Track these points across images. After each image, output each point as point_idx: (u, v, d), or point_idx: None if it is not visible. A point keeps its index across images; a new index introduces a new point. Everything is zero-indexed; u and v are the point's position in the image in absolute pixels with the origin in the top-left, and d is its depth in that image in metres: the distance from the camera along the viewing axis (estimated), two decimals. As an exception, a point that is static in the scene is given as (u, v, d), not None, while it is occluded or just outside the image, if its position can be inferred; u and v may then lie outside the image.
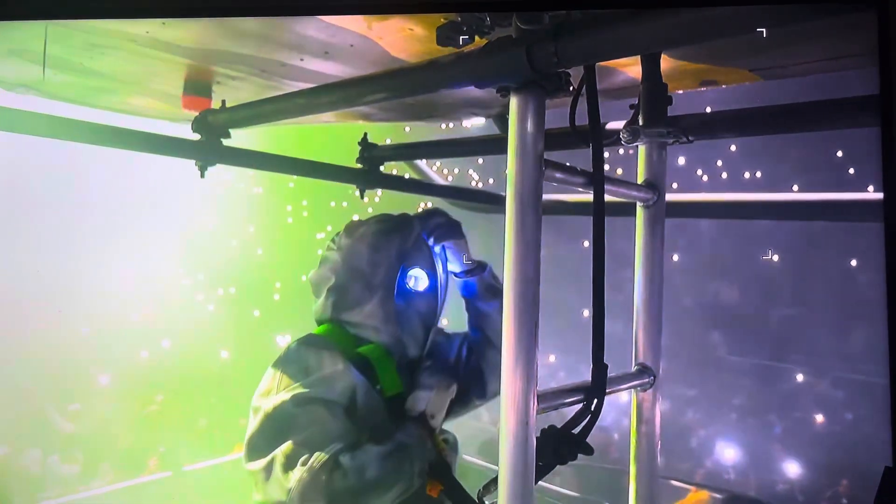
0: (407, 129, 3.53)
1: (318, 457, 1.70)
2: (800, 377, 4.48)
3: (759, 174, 4.60)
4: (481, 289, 2.13)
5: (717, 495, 4.29)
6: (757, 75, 2.18)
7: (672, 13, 1.26)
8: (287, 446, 1.72)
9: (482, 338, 2.15)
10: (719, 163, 4.81)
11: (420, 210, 2.15)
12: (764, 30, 1.23)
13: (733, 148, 4.67)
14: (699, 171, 4.93)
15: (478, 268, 2.14)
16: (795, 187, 3.94)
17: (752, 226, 4.24)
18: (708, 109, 2.09)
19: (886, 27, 1.45)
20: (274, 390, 1.83)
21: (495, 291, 2.12)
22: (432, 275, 2.06)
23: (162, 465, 4.76)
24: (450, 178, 6.12)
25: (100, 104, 2.87)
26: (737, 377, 4.65)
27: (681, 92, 2.23)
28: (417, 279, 2.03)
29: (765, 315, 4.70)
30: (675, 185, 4.82)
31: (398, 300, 2.00)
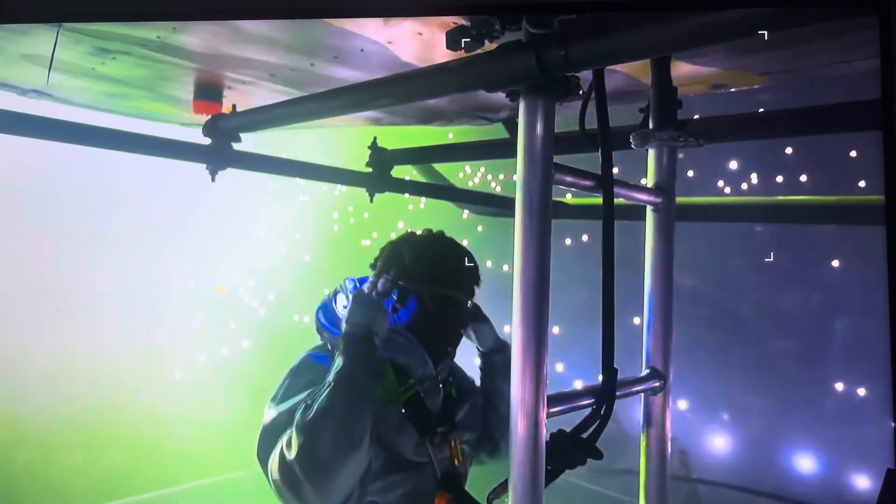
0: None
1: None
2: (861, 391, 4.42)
3: (808, 177, 4.54)
4: (501, 367, 2.13)
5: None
6: (766, 78, 2.18)
7: (681, 17, 1.26)
8: (282, 441, 1.75)
9: (494, 412, 2.14)
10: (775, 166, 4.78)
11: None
12: (767, 33, 1.23)
13: (788, 150, 4.62)
14: (753, 175, 4.89)
15: (503, 348, 2.15)
16: (862, 183, 3.93)
17: (813, 231, 4.22)
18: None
19: (888, 30, 1.45)
20: (278, 399, 1.87)
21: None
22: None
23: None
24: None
25: (111, 108, 2.89)
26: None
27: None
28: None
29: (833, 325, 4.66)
30: (727, 190, 4.79)
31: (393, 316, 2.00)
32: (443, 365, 2.05)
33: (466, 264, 2.06)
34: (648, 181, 1.79)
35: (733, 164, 4.84)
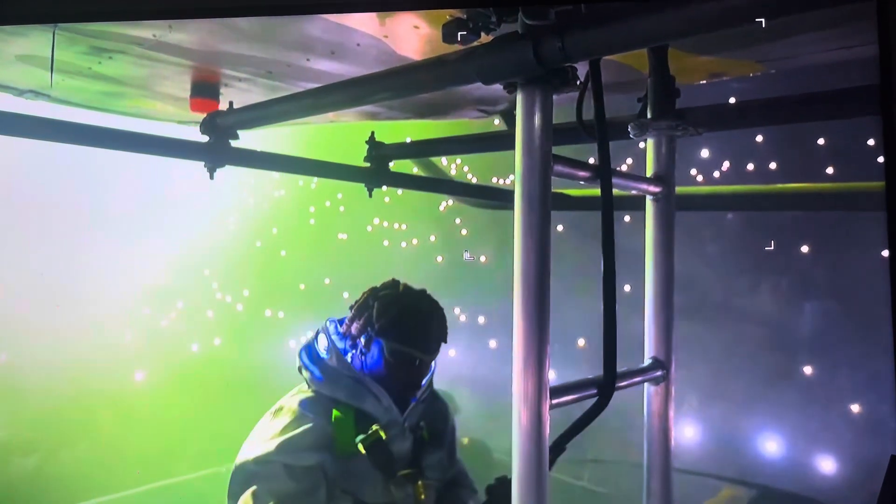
0: (496, 121, 3.51)
1: None
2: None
3: (778, 164, 4.57)
4: None
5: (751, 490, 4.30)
6: (764, 66, 2.18)
7: (678, 5, 1.25)
8: (246, 495, 1.91)
9: None
10: (747, 156, 4.81)
11: None
12: (763, 20, 1.22)
13: (759, 138, 4.65)
14: (725, 163, 4.92)
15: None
16: (830, 169, 3.96)
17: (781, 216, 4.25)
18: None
19: (886, 18, 1.44)
20: (254, 439, 2.02)
21: None
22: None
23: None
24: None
25: (109, 108, 2.88)
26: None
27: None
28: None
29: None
30: (699, 178, 4.81)
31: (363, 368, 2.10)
32: (411, 410, 2.12)
33: (429, 324, 2.12)
34: (648, 171, 1.78)
35: (705, 153, 4.85)
